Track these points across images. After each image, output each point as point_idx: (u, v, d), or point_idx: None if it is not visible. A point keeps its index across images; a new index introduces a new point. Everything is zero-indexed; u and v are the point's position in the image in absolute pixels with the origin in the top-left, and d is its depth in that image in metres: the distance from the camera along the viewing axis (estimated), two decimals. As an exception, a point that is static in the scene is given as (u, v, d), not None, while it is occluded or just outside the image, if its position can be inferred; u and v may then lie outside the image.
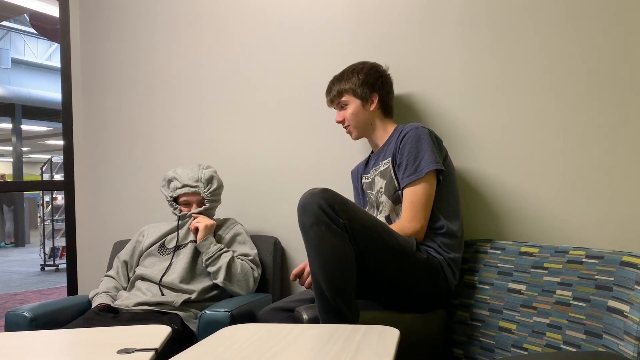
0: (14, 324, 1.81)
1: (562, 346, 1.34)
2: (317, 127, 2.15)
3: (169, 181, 2.09)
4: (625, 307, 1.21)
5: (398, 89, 1.93)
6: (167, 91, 2.55)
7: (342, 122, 1.84)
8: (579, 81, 1.64)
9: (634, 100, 1.56)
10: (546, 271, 1.45)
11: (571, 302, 1.35)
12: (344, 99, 1.81)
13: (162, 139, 2.57)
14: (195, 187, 2.04)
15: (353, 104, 1.80)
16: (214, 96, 2.42)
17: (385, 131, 1.81)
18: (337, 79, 1.84)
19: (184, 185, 2.04)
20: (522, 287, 1.49)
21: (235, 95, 2.36)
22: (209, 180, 2.06)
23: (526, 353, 1.43)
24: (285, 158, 2.24)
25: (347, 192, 2.00)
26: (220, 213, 2.29)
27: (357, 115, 1.80)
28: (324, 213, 1.37)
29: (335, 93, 1.83)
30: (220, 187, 2.10)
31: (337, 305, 1.36)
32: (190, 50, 2.48)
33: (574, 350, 1.31)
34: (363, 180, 1.88)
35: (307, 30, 2.17)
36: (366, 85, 1.78)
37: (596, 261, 1.34)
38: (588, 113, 1.63)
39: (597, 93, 1.61)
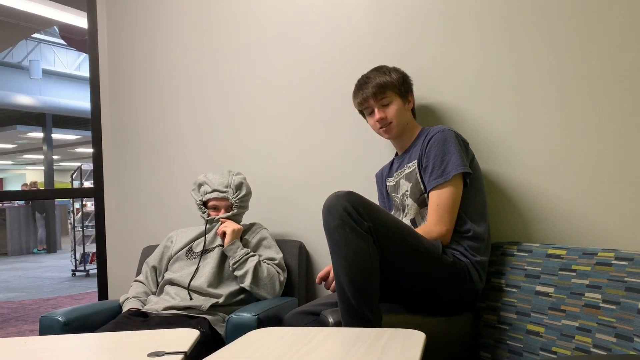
0: (48, 327, 1.86)
1: (592, 349, 1.32)
2: (340, 130, 2.16)
3: (200, 185, 2.13)
4: (656, 310, 1.19)
5: (424, 92, 1.93)
6: (193, 99, 2.59)
7: (383, 119, 1.73)
8: (605, 81, 1.62)
9: (663, 99, 1.53)
10: (574, 273, 1.43)
11: (601, 304, 1.33)
12: (387, 95, 1.73)
13: (188, 146, 2.61)
14: (225, 192, 2.07)
15: (396, 102, 1.74)
16: (240, 103, 2.45)
17: (412, 133, 1.80)
18: (376, 74, 1.75)
19: (214, 190, 2.08)
20: (550, 290, 1.47)
21: (260, 101, 2.39)
22: (238, 187, 2.10)
23: (555, 356, 1.41)
24: (309, 162, 2.25)
25: (371, 195, 2.00)
26: (246, 218, 2.32)
27: (401, 112, 1.75)
28: (349, 215, 1.38)
29: (376, 88, 1.71)
30: (248, 194, 2.13)
31: (360, 308, 1.36)
32: (215, 58, 2.52)
33: (605, 353, 1.29)
34: (388, 183, 1.88)
35: (326, 35, 2.19)
36: (404, 85, 1.77)
37: (626, 263, 1.32)
38: (616, 113, 1.60)
39: (624, 93, 1.59)
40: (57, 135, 13.99)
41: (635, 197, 1.57)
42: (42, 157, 13.60)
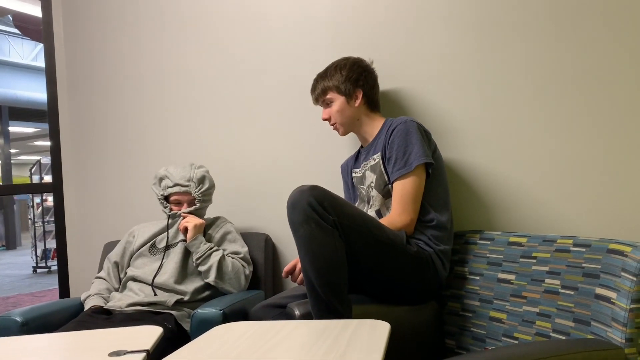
0: (5, 328, 1.80)
1: (551, 334, 1.36)
2: (305, 122, 2.15)
3: (161, 179, 2.08)
4: (612, 294, 1.23)
5: (385, 83, 1.93)
6: (154, 90, 2.54)
7: (328, 119, 1.83)
8: (564, 71, 1.65)
9: (619, 90, 1.57)
10: (535, 260, 1.46)
11: (560, 290, 1.37)
12: (328, 96, 1.81)
13: (150, 138, 2.55)
14: (187, 186, 2.03)
15: (338, 101, 1.79)
16: (201, 95, 2.41)
17: (373, 126, 1.81)
18: (321, 77, 1.83)
19: (176, 184, 2.03)
20: (512, 277, 1.50)
21: (222, 93, 2.35)
22: (201, 180, 2.06)
23: (517, 342, 1.44)
24: (275, 154, 2.23)
25: (337, 186, 2.00)
26: (210, 211, 2.28)
27: (343, 112, 1.80)
28: (314, 210, 1.38)
29: (319, 91, 1.83)
30: (211, 187, 2.10)
31: (330, 301, 1.36)
32: (175, 49, 2.47)
33: (564, 338, 1.32)
34: (354, 175, 1.89)
35: (292, 26, 2.17)
36: (349, 82, 1.77)
37: (583, 249, 1.36)
38: (574, 103, 1.64)
39: (582, 83, 1.62)
40: (14, 128, 13.52)
41: (593, 184, 1.61)
42: (-2, 150, 13.13)
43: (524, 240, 1.53)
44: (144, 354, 0.99)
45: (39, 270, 7.79)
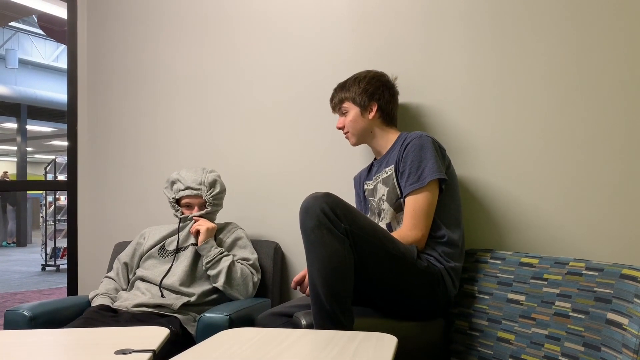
0: (13, 322, 1.81)
1: (560, 358, 1.34)
2: (319, 132, 2.16)
3: (172, 183, 2.10)
4: (624, 320, 1.21)
5: (402, 97, 1.94)
6: (172, 94, 2.56)
7: (341, 128, 1.87)
8: (583, 94, 1.64)
9: (638, 113, 1.56)
10: (546, 282, 1.44)
11: (570, 313, 1.35)
12: (344, 105, 1.85)
13: (165, 142, 2.58)
14: (198, 190, 2.05)
15: (352, 112, 1.83)
16: (218, 100, 2.43)
17: (387, 139, 1.82)
18: (340, 87, 1.88)
19: (187, 188, 2.05)
20: (522, 298, 1.49)
21: (238, 99, 2.37)
22: (212, 184, 2.07)
23: (524, 364, 1.42)
24: (287, 163, 2.24)
25: (349, 198, 2.00)
26: (221, 217, 2.29)
27: (356, 122, 1.82)
28: (326, 217, 1.38)
29: (336, 100, 1.88)
30: (222, 191, 2.11)
31: (333, 310, 1.36)
32: (195, 54, 2.50)
33: (572, 362, 1.30)
34: (365, 187, 1.89)
35: (310, 35, 2.19)
36: (365, 94, 1.81)
37: (596, 273, 1.34)
38: (591, 125, 1.63)
39: (600, 106, 1.61)
40: (32, 127, 13.70)
41: (607, 208, 1.59)
42: (15, 148, 13.29)
43: (535, 261, 1.52)
44: (150, 354, 0.99)
45: (47, 268, 7.84)
